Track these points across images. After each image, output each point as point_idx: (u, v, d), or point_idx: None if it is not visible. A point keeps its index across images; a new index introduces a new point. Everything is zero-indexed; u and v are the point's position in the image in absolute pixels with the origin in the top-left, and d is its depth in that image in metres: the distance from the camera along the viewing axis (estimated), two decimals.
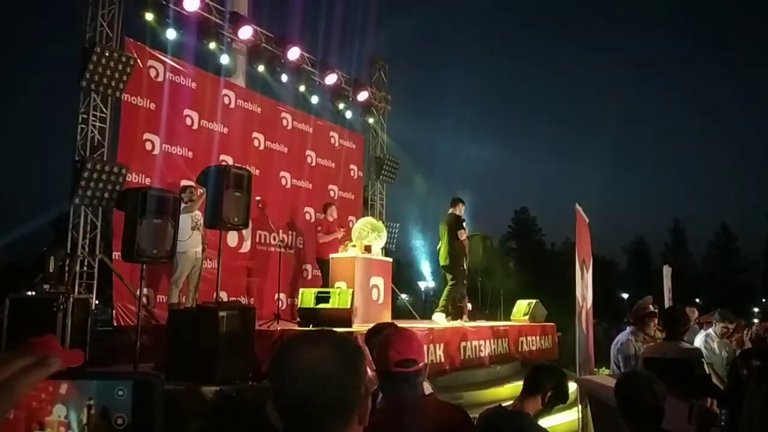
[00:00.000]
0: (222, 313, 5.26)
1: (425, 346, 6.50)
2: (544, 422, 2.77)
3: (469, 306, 9.91)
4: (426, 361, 2.22)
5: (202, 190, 7.26)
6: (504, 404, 3.01)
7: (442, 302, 8.42)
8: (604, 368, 6.02)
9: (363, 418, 1.08)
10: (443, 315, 8.21)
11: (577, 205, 5.40)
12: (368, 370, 1.16)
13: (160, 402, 0.71)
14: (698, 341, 6.04)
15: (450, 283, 8.38)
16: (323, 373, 1.04)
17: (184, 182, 7.94)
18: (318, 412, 1.03)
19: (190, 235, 7.23)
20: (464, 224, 8.42)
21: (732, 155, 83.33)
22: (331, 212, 9.20)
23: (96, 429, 0.69)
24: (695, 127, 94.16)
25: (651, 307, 5.53)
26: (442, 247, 8.35)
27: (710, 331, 6.25)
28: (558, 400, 2.77)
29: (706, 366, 4.34)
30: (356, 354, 1.11)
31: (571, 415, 5.19)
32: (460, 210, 8.49)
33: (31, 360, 0.66)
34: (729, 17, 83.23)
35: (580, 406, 4.73)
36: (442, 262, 8.39)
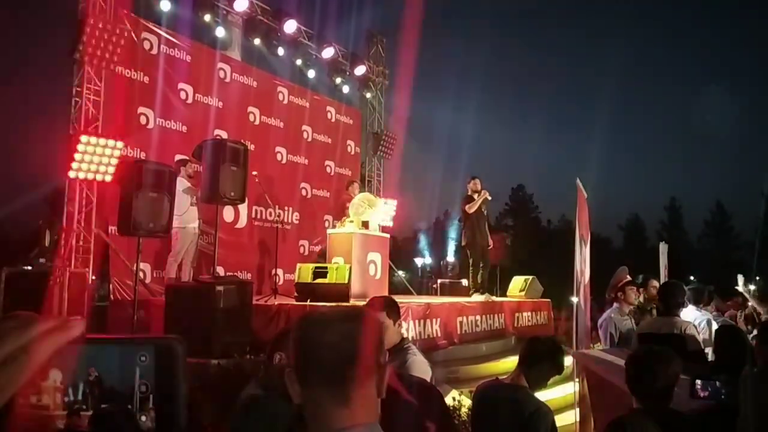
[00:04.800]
0: (219, 288, 5.26)
1: (422, 321, 6.54)
2: (541, 395, 2.78)
3: (464, 282, 10.01)
4: None
5: (197, 165, 7.22)
6: (500, 377, 3.02)
7: (472, 284, 8.80)
8: (598, 343, 6.07)
9: (381, 388, 1.08)
10: (479, 294, 8.54)
11: (578, 180, 5.38)
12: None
13: (184, 366, 0.69)
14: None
15: (470, 261, 8.75)
16: (343, 328, 1.06)
17: (179, 156, 7.86)
18: (336, 364, 1.04)
19: (188, 210, 7.20)
20: (475, 196, 8.58)
21: (727, 133, 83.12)
22: (353, 190, 9.26)
23: (109, 396, 0.67)
24: (691, 105, 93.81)
25: (627, 276, 5.57)
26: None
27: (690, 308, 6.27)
28: (553, 371, 2.78)
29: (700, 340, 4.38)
30: (376, 323, 1.15)
31: (568, 389, 5.25)
32: (472, 187, 8.70)
33: (52, 323, 0.63)
34: None
35: (577, 380, 4.77)
36: (462, 243, 8.86)
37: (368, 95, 12.34)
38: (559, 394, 5.39)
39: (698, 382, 2.38)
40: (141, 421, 0.66)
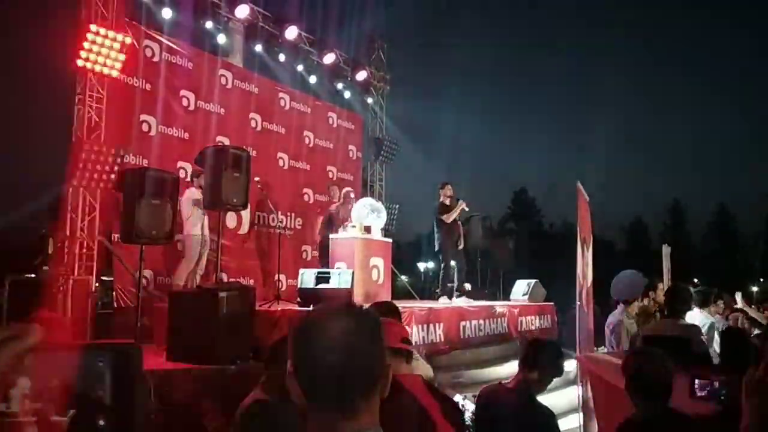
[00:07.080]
0: (222, 294, 5.25)
1: (425, 326, 6.53)
2: (544, 399, 2.78)
3: (468, 286, 9.98)
4: None
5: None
6: (503, 382, 3.02)
7: (440, 286, 8.82)
8: (602, 347, 6.05)
9: (384, 391, 1.08)
10: (445, 297, 8.55)
11: (578, 183, 5.37)
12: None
13: (140, 372, 0.70)
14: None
15: (441, 265, 8.73)
16: (351, 344, 1.03)
17: (188, 165, 7.89)
18: (347, 383, 1.02)
19: (194, 214, 7.20)
20: (453, 204, 8.63)
21: (731, 134, 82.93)
22: (333, 192, 9.30)
23: (74, 401, 0.67)
24: (694, 106, 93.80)
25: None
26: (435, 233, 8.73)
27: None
28: (554, 373, 2.79)
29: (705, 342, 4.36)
30: (378, 326, 1.11)
31: (572, 393, 5.23)
32: (445, 193, 8.70)
33: (8, 333, 0.64)
34: None
35: (580, 384, 4.75)
36: (435, 248, 8.76)
37: (369, 100, 12.37)
38: (562, 397, 5.37)
39: (697, 381, 2.41)
40: (100, 425, 0.67)
